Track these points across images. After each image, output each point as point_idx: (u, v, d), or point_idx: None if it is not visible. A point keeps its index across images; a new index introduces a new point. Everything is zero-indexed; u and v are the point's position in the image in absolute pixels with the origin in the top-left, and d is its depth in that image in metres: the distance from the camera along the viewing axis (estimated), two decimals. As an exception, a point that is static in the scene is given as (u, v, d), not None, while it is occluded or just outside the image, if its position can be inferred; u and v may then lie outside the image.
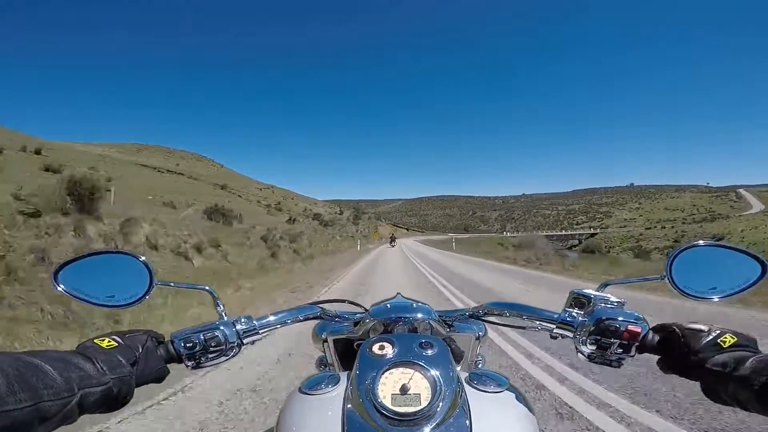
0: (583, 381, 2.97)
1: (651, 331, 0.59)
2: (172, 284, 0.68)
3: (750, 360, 0.47)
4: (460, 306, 4.28)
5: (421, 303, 0.73)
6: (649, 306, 6.16)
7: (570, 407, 2.56)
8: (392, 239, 38.99)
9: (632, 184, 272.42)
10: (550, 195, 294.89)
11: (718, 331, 0.54)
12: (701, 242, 0.63)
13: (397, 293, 0.80)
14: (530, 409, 0.53)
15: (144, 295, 0.64)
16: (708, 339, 0.53)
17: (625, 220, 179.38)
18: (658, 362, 0.59)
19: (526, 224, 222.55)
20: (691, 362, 0.53)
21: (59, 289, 0.61)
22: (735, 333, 0.53)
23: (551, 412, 2.50)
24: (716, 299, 0.62)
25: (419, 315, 0.69)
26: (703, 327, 0.55)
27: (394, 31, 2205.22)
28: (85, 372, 0.45)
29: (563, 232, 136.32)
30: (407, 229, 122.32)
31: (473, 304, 0.85)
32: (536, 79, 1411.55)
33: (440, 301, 7.27)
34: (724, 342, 0.52)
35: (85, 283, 0.63)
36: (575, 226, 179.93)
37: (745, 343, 0.52)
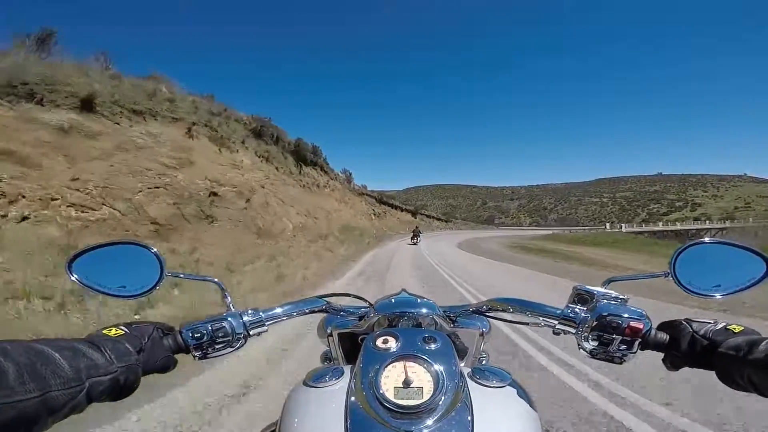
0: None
1: (655, 329, 0.59)
2: (182, 275, 0.69)
3: (763, 343, 0.47)
4: None
5: (426, 299, 0.73)
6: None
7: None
8: (415, 234, 24.97)
9: (660, 173, 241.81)
10: (569, 185, 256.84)
11: (725, 322, 0.55)
12: (706, 239, 0.63)
13: (402, 289, 0.79)
14: (532, 405, 0.53)
15: (154, 286, 0.66)
16: (718, 327, 0.54)
17: (736, 209, 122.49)
18: (664, 359, 0.59)
19: (576, 215, 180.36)
20: (703, 349, 0.53)
21: (72, 278, 0.62)
22: (740, 325, 0.54)
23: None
24: (720, 297, 0.62)
25: (423, 310, 0.70)
26: (710, 320, 0.56)
27: (380, 21, 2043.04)
28: (94, 361, 0.44)
29: (687, 227, 70.38)
30: (414, 215, 50.91)
31: None
32: (538, 69, 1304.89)
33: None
34: (734, 329, 0.52)
35: (98, 274, 0.64)
36: (665, 219, 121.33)
37: (754, 331, 0.52)
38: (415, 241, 23.89)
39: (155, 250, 0.66)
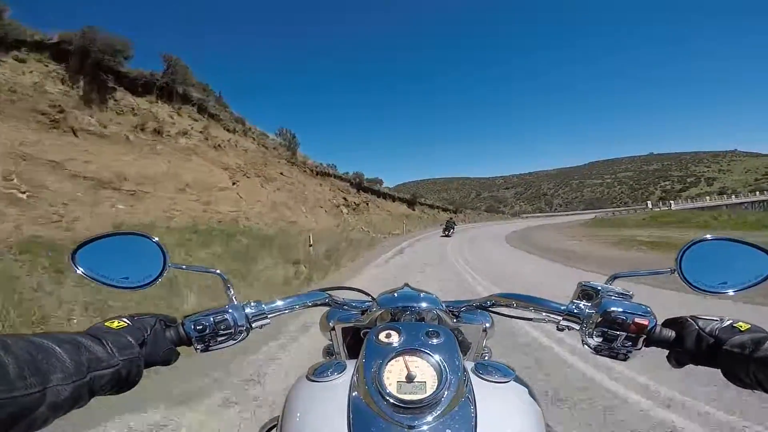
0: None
1: (660, 325, 0.59)
2: (184, 267, 0.69)
3: None
4: None
5: (428, 293, 0.72)
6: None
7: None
8: (448, 226, 22.09)
9: (652, 153, 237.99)
10: (562, 170, 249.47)
11: (731, 319, 0.54)
12: (708, 236, 0.63)
13: (405, 283, 0.78)
14: (536, 401, 0.53)
15: (157, 277, 0.65)
16: (724, 325, 0.53)
17: (757, 180, 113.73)
18: (669, 356, 0.58)
19: (583, 197, 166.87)
20: (709, 347, 0.52)
21: (78, 271, 0.62)
22: (747, 322, 0.53)
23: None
24: (727, 293, 0.62)
25: (427, 305, 0.69)
26: (715, 317, 0.56)
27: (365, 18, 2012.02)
28: (95, 354, 0.44)
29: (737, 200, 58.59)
30: (411, 206, 34.81)
31: None
32: (520, 64, 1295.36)
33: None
34: (740, 327, 0.52)
35: (101, 265, 0.64)
36: (684, 194, 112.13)
37: (760, 329, 0.52)
38: (447, 233, 21.55)
39: (157, 239, 0.65)
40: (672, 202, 51.20)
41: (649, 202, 56.21)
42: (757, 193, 65.58)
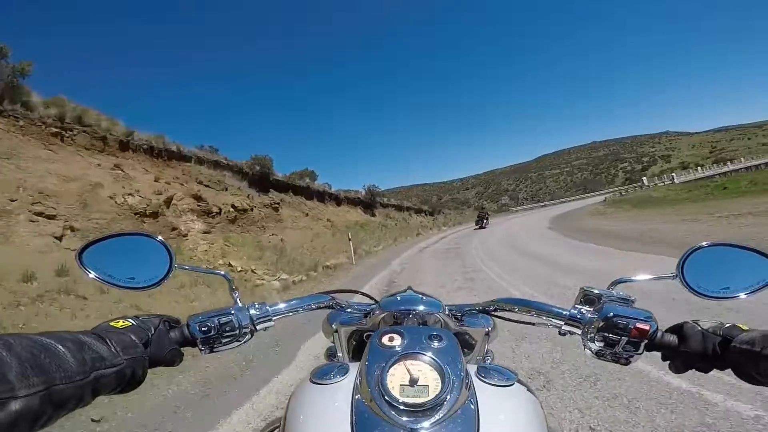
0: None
1: (661, 331, 0.59)
2: (187, 267, 0.70)
3: None
4: None
5: (431, 297, 0.73)
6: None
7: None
8: (480, 217, 22.56)
9: (595, 141, 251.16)
10: (515, 167, 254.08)
11: (731, 323, 0.54)
12: (704, 243, 0.63)
13: (408, 287, 0.79)
14: (538, 405, 0.54)
15: (163, 278, 0.65)
16: (727, 325, 0.53)
17: (711, 153, 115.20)
18: (674, 362, 0.58)
19: (547, 188, 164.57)
20: (715, 346, 0.52)
21: (90, 275, 0.61)
22: (745, 325, 0.53)
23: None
24: (730, 299, 0.62)
25: (429, 308, 0.69)
26: (715, 321, 0.56)
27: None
28: (99, 353, 0.43)
29: None
30: (369, 209, 22.71)
31: None
32: (446, 66, 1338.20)
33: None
34: (742, 328, 0.52)
35: (107, 265, 0.63)
36: (647, 173, 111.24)
37: (762, 329, 0.51)
38: (481, 224, 21.47)
39: (160, 238, 0.65)
40: (674, 174, 44.59)
41: (644, 178, 49.90)
42: (743, 159, 61.70)
